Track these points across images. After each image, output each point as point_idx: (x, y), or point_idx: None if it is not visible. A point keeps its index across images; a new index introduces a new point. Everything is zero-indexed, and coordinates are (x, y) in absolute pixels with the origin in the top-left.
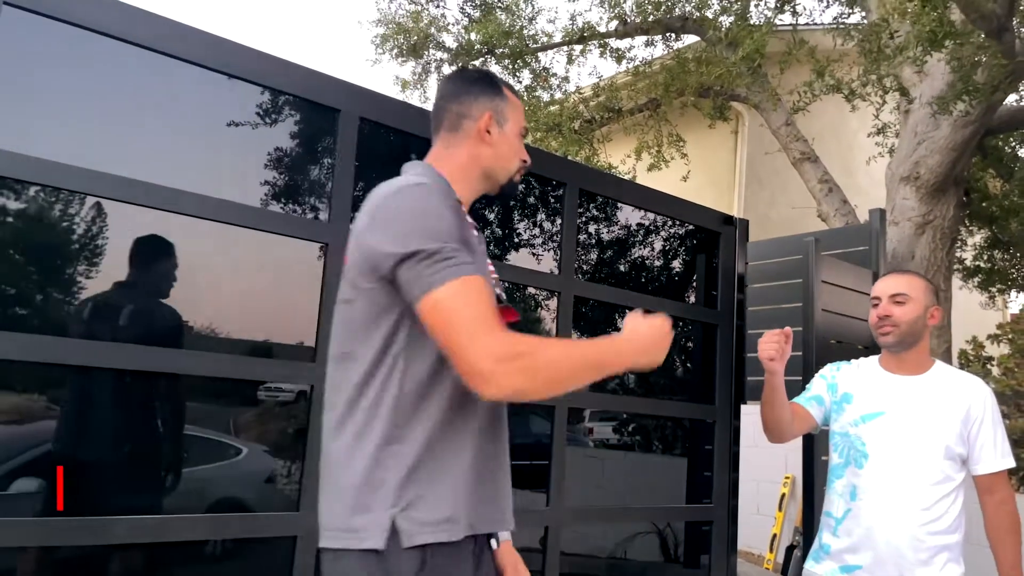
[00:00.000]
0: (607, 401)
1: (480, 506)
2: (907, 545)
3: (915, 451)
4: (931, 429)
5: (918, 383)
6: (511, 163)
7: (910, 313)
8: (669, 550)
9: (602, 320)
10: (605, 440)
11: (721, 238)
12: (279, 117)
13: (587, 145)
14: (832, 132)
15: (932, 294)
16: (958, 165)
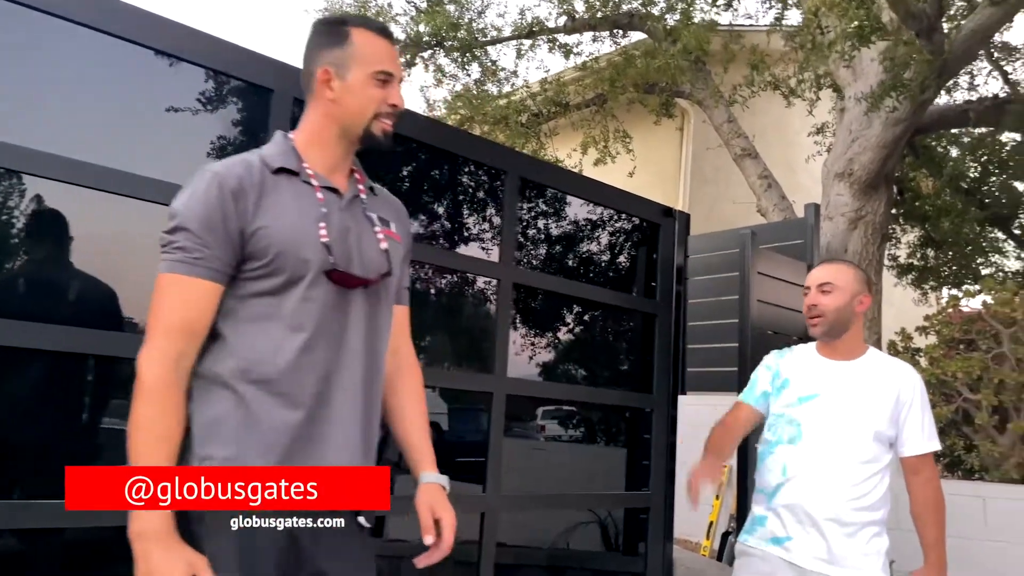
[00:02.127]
0: (547, 388)
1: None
2: (835, 519)
3: (846, 432)
4: (862, 412)
5: (851, 368)
6: (363, 113)
7: (836, 302)
8: (609, 539)
9: (543, 309)
10: (550, 432)
11: (661, 230)
12: (208, 96)
13: (534, 139)
14: (775, 131)
15: (861, 283)
16: (889, 162)
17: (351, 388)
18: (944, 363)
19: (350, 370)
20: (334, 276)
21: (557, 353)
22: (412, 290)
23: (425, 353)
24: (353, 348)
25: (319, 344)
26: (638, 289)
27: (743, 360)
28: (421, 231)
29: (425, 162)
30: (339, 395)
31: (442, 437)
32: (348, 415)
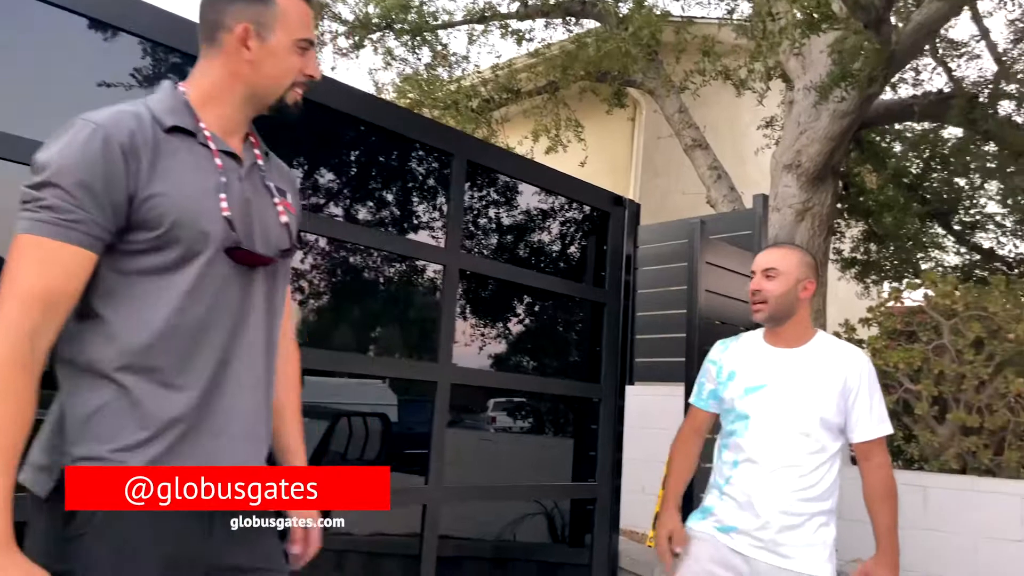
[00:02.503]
0: (493, 378)
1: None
2: (781, 510)
3: (793, 421)
4: (808, 400)
5: (797, 355)
6: (281, 81)
7: (780, 287)
8: (556, 531)
9: (492, 297)
10: (501, 424)
11: (611, 218)
12: (114, 54)
13: (485, 125)
14: (726, 124)
15: (807, 267)
16: (836, 155)
17: (251, 378)
18: (886, 354)
19: (250, 358)
20: (236, 254)
21: (505, 342)
22: (356, 275)
23: (369, 342)
24: (253, 333)
25: (215, 328)
26: (587, 278)
27: (691, 350)
28: (366, 215)
29: (368, 142)
30: (237, 386)
31: (390, 429)
32: (247, 407)
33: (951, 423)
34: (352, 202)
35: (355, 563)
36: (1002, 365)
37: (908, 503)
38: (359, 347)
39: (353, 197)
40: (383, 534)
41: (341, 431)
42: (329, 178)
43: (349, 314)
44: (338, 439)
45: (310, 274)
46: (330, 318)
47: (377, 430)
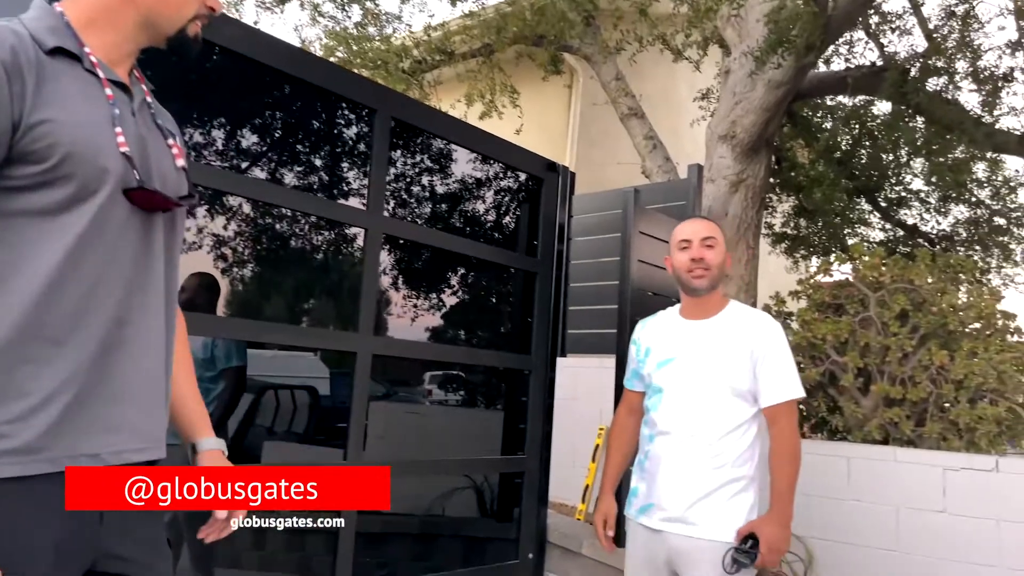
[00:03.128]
0: (417, 349)
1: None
2: (693, 480)
3: (702, 391)
4: (717, 369)
5: (707, 326)
6: (183, 12)
7: (719, 257)
8: (485, 505)
9: (420, 265)
10: (437, 397)
11: (544, 185)
12: None
13: (416, 87)
14: (662, 97)
15: (725, 244)
16: (770, 126)
17: (151, 339)
18: (814, 326)
19: (150, 316)
20: (137, 196)
21: (433, 312)
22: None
23: (288, 311)
24: (153, 289)
25: (111, 282)
26: (518, 245)
27: (623, 321)
28: (282, 174)
29: (284, 95)
30: (135, 348)
31: (319, 403)
32: (148, 371)
33: (875, 394)
34: (266, 159)
35: (275, 539)
36: (925, 337)
37: (831, 473)
38: (276, 316)
39: (267, 154)
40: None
41: (268, 404)
42: (239, 133)
43: (265, 281)
44: (264, 413)
45: (225, 236)
46: (244, 284)
47: (305, 403)
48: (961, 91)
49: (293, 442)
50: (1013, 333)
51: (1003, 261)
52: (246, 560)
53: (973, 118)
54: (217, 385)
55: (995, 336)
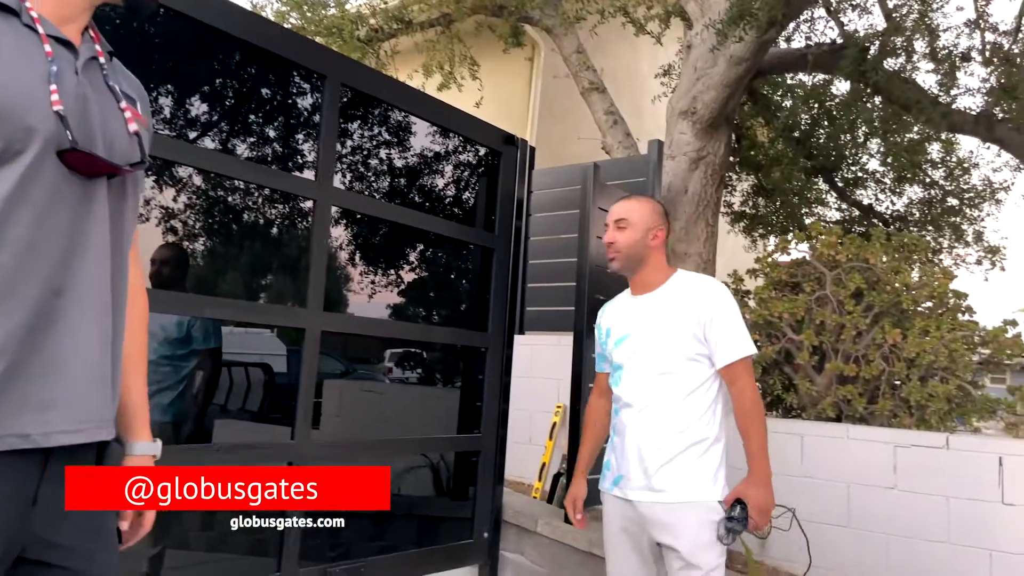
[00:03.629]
0: (370, 325)
1: (30, 408)
2: (655, 447)
3: (656, 361)
4: (666, 338)
5: (654, 299)
6: None
7: (629, 238)
8: (440, 484)
9: (375, 239)
10: (390, 374)
11: (503, 159)
12: None
13: (373, 56)
14: (624, 72)
15: (656, 216)
16: (731, 102)
17: (91, 311)
18: (771, 304)
19: (90, 288)
20: (71, 158)
21: (388, 288)
22: (223, 211)
23: (235, 286)
24: (94, 259)
25: (44, 249)
26: (476, 220)
27: (581, 298)
28: (232, 142)
29: (231, 60)
30: (74, 320)
31: (273, 380)
32: (88, 345)
33: (829, 372)
34: (211, 127)
35: (221, 521)
36: (879, 316)
37: (786, 450)
38: (224, 291)
39: (212, 122)
40: None
41: (221, 382)
42: (182, 99)
43: (213, 254)
44: (218, 391)
45: (171, 208)
46: (191, 258)
47: (259, 381)
48: (919, 71)
49: (246, 420)
50: (964, 312)
51: (955, 241)
52: (195, 541)
53: (930, 98)
54: (188, 363)
55: (947, 315)
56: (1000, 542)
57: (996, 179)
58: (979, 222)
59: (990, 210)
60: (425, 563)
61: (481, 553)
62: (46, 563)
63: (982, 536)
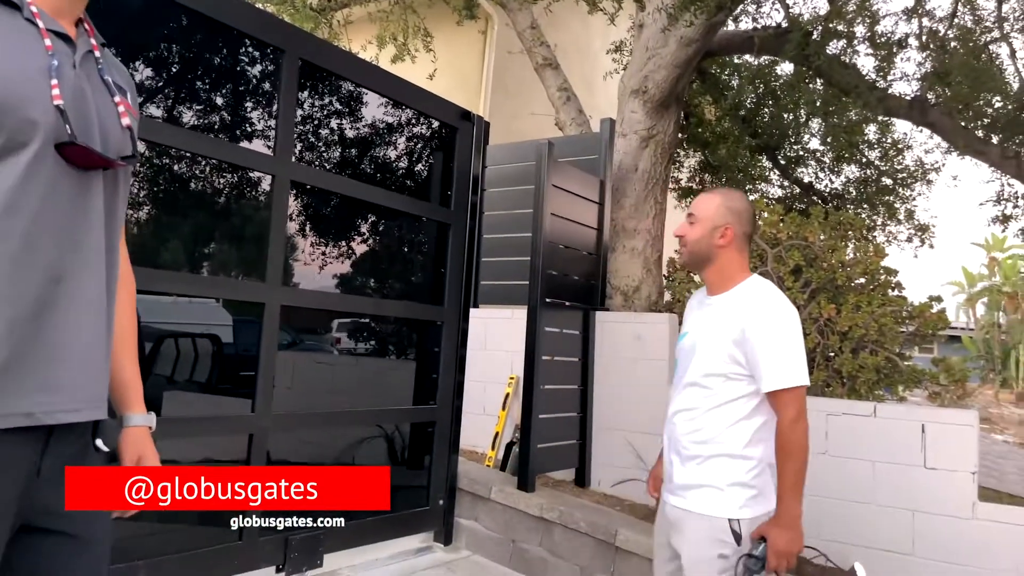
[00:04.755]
0: (328, 300)
1: (32, 389)
2: (677, 452)
3: (692, 370)
4: (706, 350)
5: (715, 303)
6: None
7: (695, 232)
8: (396, 453)
9: (331, 213)
10: (346, 346)
11: (458, 134)
12: None
13: (326, 26)
14: (576, 48)
15: (726, 213)
16: (681, 82)
17: (88, 299)
18: None
19: (87, 276)
20: (70, 151)
21: (346, 262)
22: (179, 185)
23: (194, 259)
24: (90, 248)
25: (45, 239)
26: (432, 195)
27: (535, 274)
28: (187, 117)
29: (187, 33)
30: (72, 308)
31: (222, 351)
32: (85, 332)
33: None
34: (170, 102)
35: None
36: (816, 292)
37: None
38: (181, 265)
39: (170, 96)
40: (213, 460)
41: (167, 353)
42: (142, 73)
43: (171, 228)
44: (163, 362)
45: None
46: (149, 232)
47: (208, 352)
48: (859, 55)
49: (195, 392)
50: (894, 288)
51: (888, 219)
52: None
53: (868, 83)
54: None
55: (878, 291)
56: (922, 503)
57: (928, 160)
58: (911, 201)
59: (921, 190)
60: (382, 530)
61: (437, 520)
62: (47, 529)
63: (905, 498)
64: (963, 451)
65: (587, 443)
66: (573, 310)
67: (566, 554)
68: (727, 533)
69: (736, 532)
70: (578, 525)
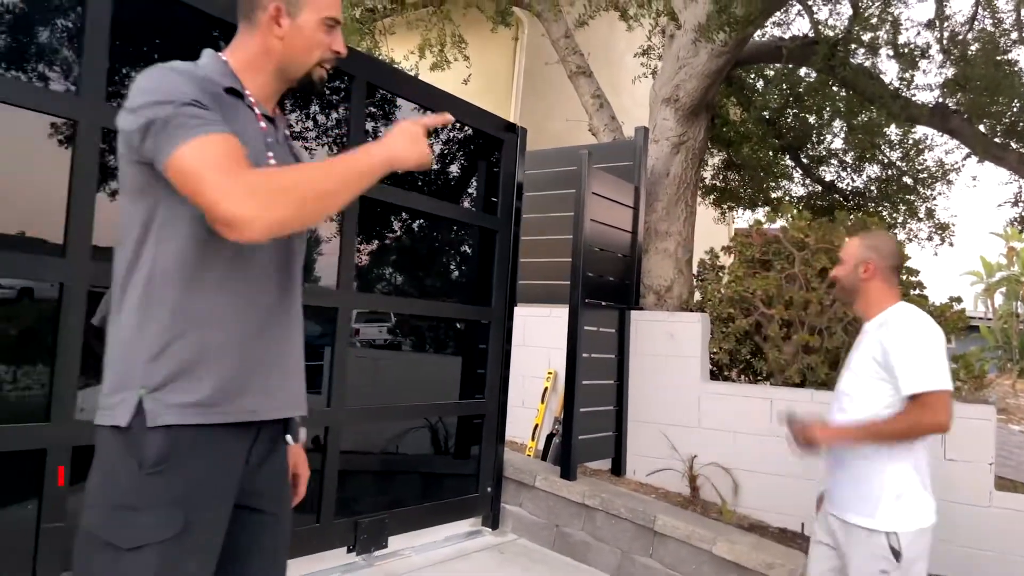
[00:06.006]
0: (390, 303)
1: (255, 391)
2: (836, 459)
3: (848, 384)
4: (859, 365)
5: (868, 328)
6: (307, 58)
7: (842, 271)
8: (445, 444)
9: (392, 223)
10: (382, 341)
11: (504, 145)
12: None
13: (369, 36)
14: (602, 51)
15: (866, 250)
16: (711, 91)
17: (295, 315)
18: (746, 281)
19: (292, 301)
20: None
21: (404, 267)
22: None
23: None
24: (294, 282)
25: (269, 274)
26: (478, 204)
27: (576, 275)
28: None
29: None
30: (284, 326)
31: None
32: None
33: (795, 342)
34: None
35: None
36: None
37: (756, 413)
38: None
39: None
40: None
41: None
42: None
43: None
44: None
45: None
46: None
47: None
48: (880, 59)
49: None
50: (915, 288)
51: (909, 217)
52: None
53: (891, 91)
54: None
55: (901, 291)
56: (942, 491)
57: (948, 160)
58: (931, 200)
59: (942, 189)
60: (437, 515)
61: (485, 506)
62: (253, 508)
63: None
64: (981, 444)
65: (623, 435)
66: (609, 309)
67: (607, 538)
68: (886, 549)
69: (895, 548)
70: (618, 511)
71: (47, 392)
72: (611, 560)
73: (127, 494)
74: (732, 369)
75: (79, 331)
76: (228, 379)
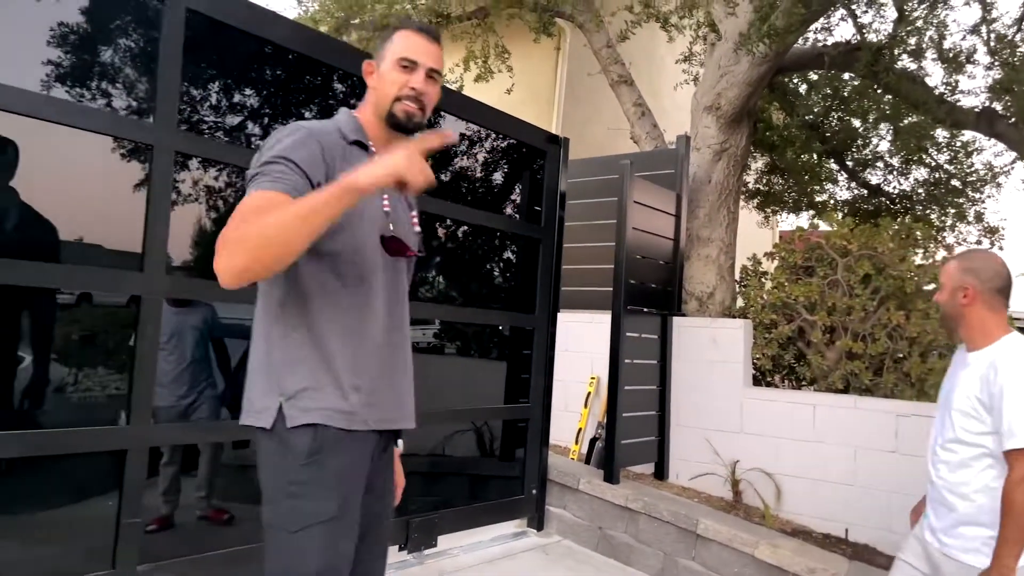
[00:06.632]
0: (442, 311)
1: (386, 406)
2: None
3: (945, 420)
4: (956, 401)
5: (972, 360)
6: (388, 96)
7: (941, 297)
8: (491, 447)
9: (435, 235)
10: (432, 345)
11: (547, 157)
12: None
13: None
14: (643, 55)
15: (964, 273)
16: (753, 99)
17: (404, 343)
18: (789, 287)
19: (402, 326)
20: (389, 242)
21: (452, 276)
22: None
23: None
24: (403, 305)
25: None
26: (521, 213)
27: (618, 283)
28: None
29: (311, 77)
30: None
31: None
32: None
33: (838, 348)
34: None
35: None
36: (885, 299)
37: (799, 419)
38: None
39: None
40: None
41: None
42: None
43: None
44: None
45: None
46: None
47: None
48: (925, 61)
49: None
50: None
51: (957, 221)
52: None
53: (937, 97)
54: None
55: None
56: None
57: (997, 163)
58: (980, 203)
59: (991, 192)
60: (485, 515)
61: (530, 507)
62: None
63: None
64: None
65: (665, 439)
66: (651, 316)
67: (650, 540)
68: None
69: None
70: (661, 514)
71: (126, 397)
72: (654, 562)
73: (292, 484)
74: (775, 375)
75: (155, 340)
76: (368, 391)
